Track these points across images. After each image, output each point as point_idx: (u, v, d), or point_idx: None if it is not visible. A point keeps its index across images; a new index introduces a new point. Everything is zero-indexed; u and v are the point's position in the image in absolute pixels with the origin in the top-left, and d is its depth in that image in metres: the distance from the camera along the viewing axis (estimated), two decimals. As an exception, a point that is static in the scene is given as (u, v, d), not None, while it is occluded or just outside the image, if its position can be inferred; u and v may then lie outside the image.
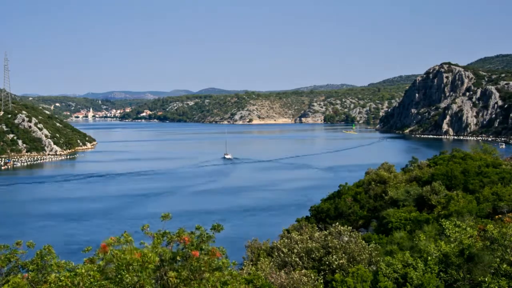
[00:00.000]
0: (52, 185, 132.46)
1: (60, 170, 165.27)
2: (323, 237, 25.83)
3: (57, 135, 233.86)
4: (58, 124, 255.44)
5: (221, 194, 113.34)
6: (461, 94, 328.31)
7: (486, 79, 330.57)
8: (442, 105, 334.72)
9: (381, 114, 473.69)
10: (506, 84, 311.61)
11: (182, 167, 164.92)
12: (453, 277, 18.29)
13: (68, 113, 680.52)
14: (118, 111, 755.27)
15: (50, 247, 13.82)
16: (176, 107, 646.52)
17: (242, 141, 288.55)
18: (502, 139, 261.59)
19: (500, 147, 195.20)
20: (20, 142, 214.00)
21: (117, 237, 13.31)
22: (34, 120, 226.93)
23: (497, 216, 33.54)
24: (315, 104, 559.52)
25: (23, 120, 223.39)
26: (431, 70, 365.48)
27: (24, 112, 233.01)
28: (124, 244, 13.08)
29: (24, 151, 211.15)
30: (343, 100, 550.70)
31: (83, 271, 11.80)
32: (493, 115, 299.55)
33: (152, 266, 12.11)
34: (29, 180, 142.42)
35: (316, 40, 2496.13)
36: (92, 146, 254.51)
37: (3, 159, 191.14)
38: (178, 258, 13.03)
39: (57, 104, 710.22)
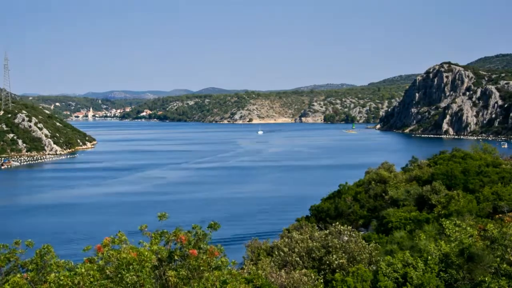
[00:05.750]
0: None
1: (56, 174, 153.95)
2: (323, 236, 25.80)
3: (57, 134, 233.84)
4: (58, 124, 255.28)
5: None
6: (461, 94, 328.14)
7: (486, 79, 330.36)
8: (442, 104, 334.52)
9: (381, 113, 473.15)
10: (506, 83, 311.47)
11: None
12: (453, 276, 18.26)
13: (68, 113, 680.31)
14: (118, 111, 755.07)
15: (49, 246, 13.78)
16: (176, 107, 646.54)
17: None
18: (502, 138, 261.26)
19: (502, 146, 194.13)
20: (20, 141, 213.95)
21: (111, 237, 13.29)
22: (34, 119, 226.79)
23: (497, 216, 33.52)
24: (315, 103, 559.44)
25: (23, 120, 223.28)
26: (431, 70, 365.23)
27: (24, 111, 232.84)
28: (119, 244, 13.07)
29: (24, 150, 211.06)
30: (343, 99, 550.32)
31: (82, 270, 11.77)
32: (493, 115, 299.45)
33: (149, 264, 12.08)
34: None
35: (316, 39, 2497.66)
36: (92, 146, 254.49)
37: (2, 159, 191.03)
38: (176, 257, 13.00)
39: (57, 104, 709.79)
